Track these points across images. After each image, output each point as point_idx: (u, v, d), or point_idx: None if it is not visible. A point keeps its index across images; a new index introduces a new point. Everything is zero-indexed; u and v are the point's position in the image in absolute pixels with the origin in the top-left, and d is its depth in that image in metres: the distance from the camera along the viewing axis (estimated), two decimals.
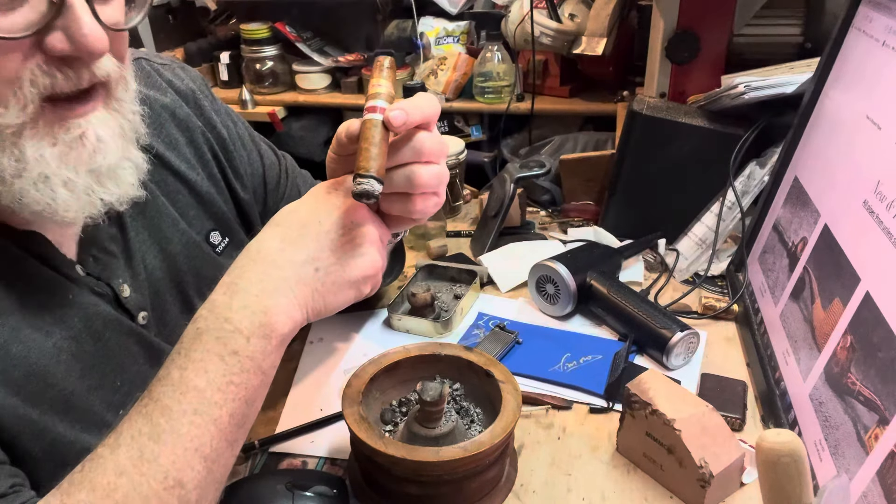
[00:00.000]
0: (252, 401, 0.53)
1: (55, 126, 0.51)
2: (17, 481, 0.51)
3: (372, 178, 0.54)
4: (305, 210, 0.57)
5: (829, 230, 0.75)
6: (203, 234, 0.76)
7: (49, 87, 0.49)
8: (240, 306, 0.52)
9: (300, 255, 0.55)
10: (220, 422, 0.50)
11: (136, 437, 0.49)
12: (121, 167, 0.56)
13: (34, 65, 0.48)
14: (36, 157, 0.50)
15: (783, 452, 0.46)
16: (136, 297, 0.66)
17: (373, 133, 0.56)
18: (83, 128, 0.52)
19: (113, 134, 0.55)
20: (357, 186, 0.53)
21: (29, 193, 0.51)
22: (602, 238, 1.14)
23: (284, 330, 0.53)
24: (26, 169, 0.50)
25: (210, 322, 0.52)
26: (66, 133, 0.51)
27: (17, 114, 0.48)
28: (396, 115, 0.55)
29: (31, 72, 0.48)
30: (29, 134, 0.50)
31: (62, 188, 0.52)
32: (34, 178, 0.51)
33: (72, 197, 0.53)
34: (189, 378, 0.50)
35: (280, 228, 0.57)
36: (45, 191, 0.51)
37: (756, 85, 0.99)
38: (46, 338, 0.57)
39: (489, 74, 1.81)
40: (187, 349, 0.52)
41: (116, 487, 0.47)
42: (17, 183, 0.51)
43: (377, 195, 0.54)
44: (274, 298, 0.53)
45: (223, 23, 2.25)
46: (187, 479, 0.49)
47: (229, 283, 0.54)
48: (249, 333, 0.52)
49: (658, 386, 0.70)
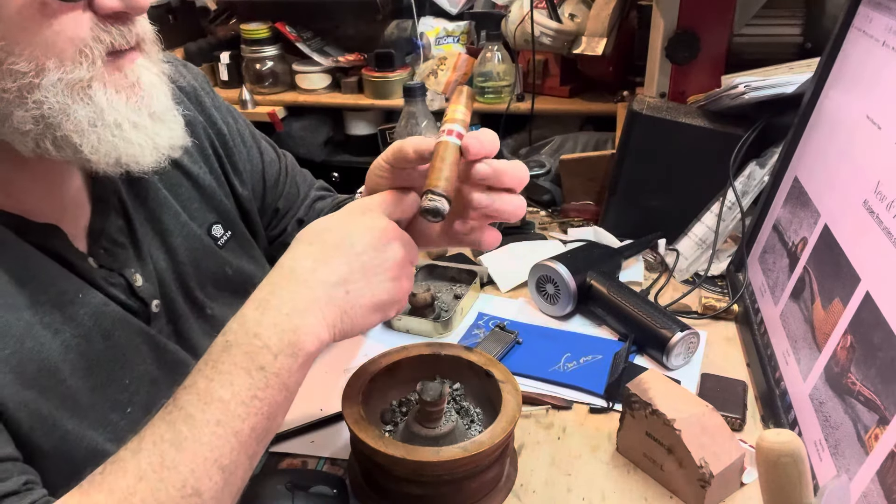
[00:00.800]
0: (274, 416, 0.53)
1: (116, 74, 0.55)
2: (31, 478, 0.52)
3: (445, 197, 0.55)
4: (340, 229, 0.58)
5: (829, 230, 0.75)
6: (205, 228, 0.77)
7: (110, 44, 0.54)
8: (270, 323, 0.53)
9: (332, 277, 0.55)
10: (241, 434, 0.51)
11: (158, 443, 0.49)
12: (170, 111, 0.61)
13: (91, 23, 0.52)
14: (107, 104, 0.55)
15: (783, 452, 0.46)
16: (148, 286, 0.67)
17: (448, 154, 0.57)
18: (137, 73, 0.57)
19: (156, 81, 0.59)
20: (428, 202, 0.55)
21: (107, 140, 0.55)
22: (602, 238, 1.14)
23: (311, 349, 0.54)
24: (101, 117, 0.55)
25: (240, 336, 0.52)
26: (125, 79, 0.56)
27: (89, 69, 0.53)
28: (473, 143, 0.58)
29: (92, 29, 0.52)
30: (97, 85, 0.54)
31: (134, 131, 0.56)
32: (110, 124, 0.55)
33: (143, 140, 0.57)
34: (215, 389, 0.51)
35: (313, 247, 0.57)
36: (121, 135, 0.56)
37: (756, 85, 0.99)
38: (56, 335, 0.58)
39: (489, 74, 1.81)
40: (215, 360, 0.52)
41: (135, 492, 0.47)
42: (93, 132, 0.54)
43: (445, 215, 0.55)
44: (304, 318, 0.53)
45: (223, 23, 2.24)
46: (205, 489, 0.49)
47: (261, 298, 0.54)
48: (278, 351, 0.52)
49: (658, 386, 0.70)
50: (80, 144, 0.54)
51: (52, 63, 0.51)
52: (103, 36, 0.53)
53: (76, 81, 0.52)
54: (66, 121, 0.53)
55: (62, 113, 0.53)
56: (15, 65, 0.50)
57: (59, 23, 0.51)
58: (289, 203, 0.91)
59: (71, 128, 0.53)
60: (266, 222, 0.89)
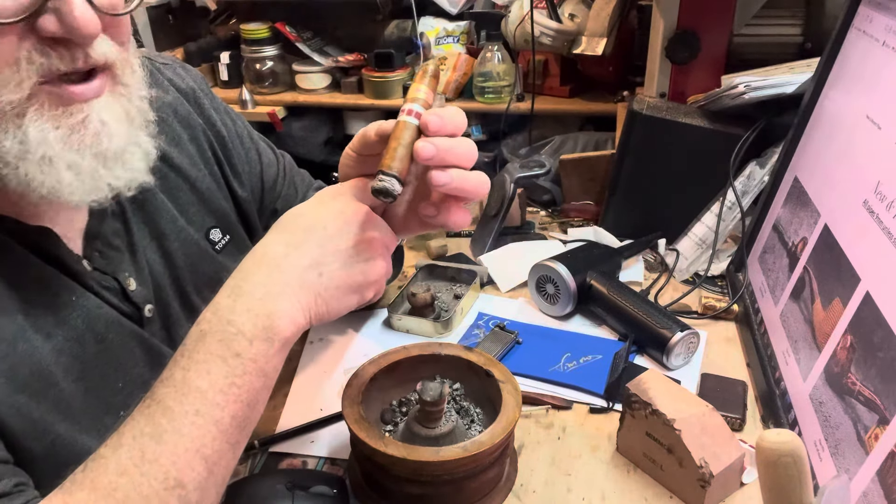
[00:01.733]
0: (254, 403, 0.53)
1: (58, 109, 0.51)
2: (22, 480, 0.52)
3: (395, 177, 0.54)
4: (311, 214, 0.58)
5: (829, 230, 0.75)
6: (203, 232, 0.76)
7: (45, 66, 0.49)
8: (243, 309, 0.53)
9: (304, 260, 0.55)
10: (221, 423, 0.51)
11: (138, 437, 0.49)
12: (129, 152, 0.57)
13: (30, 45, 0.49)
14: (39, 139, 0.51)
15: (783, 452, 0.46)
16: (141, 290, 0.67)
17: (404, 134, 0.56)
18: (86, 112, 0.53)
19: (118, 118, 0.55)
20: (378, 182, 0.54)
21: (34, 176, 0.52)
22: (602, 238, 1.14)
23: (287, 333, 0.54)
24: (30, 151, 0.51)
25: (213, 324, 0.53)
26: (68, 117, 0.52)
27: (14, 89, 0.49)
28: (432, 121, 0.57)
29: (28, 51, 0.49)
30: (32, 116, 0.50)
31: (66, 171, 0.53)
32: (38, 159, 0.51)
33: (77, 180, 0.53)
34: (191, 379, 0.51)
35: (285, 233, 0.57)
36: (50, 173, 0.52)
37: (756, 85, 0.99)
38: (48, 339, 0.57)
39: (489, 74, 1.81)
40: (190, 350, 0.52)
41: (117, 487, 0.47)
42: (21, 165, 0.51)
43: (396, 195, 0.54)
44: (277, 302, 0.53)
45: (223, 23, 2.24)
46: (188, 480, 0.49)
47: (233, 285, 0.54)
48: (252, 336, 0.52)
49: (658, 386, 0.70)
50: (5, 175, 0.52)
51: None
52: (37, 58, 0.49)
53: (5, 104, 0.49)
54: None
55: None
56: None
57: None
58: (287, 204, 0.91)
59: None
60: (264, 224, 0.89)
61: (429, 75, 0.60)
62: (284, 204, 0.91)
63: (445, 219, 0.62)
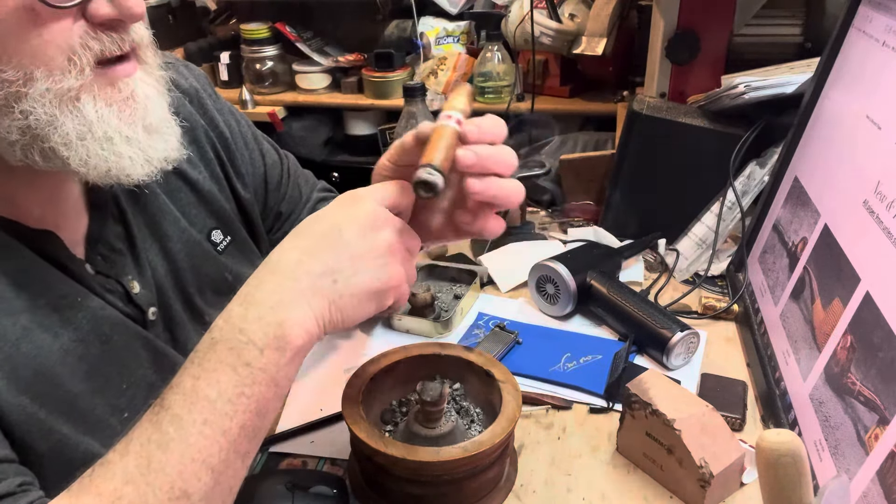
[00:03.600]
0: (264, 413, 0.52)
1: (108, 88, 0.54)
2: (27, 480, 0.51)
3: (439, 171, 0.53)
4: (328, 219, 0.56)
5: (829, 230, 0.75)
6: (204, 233, 0.76)
7: (99, 52, 0.52)
8: (254, 318, 0.52)
9: (318, 267, 0.53)
10: (229, 433, 0.50)
11: (145, 444, 0.49)
12: (166, 124, 0.60)
13: (81, 31, 0.51)
14: (96, 117, 0.53)
15: (783, 452, 0.46)
16: (145, 293, 0.67)
17: (445, 134, 0.56)
18: (131, 87, 0.56)
19: (155, 92, 0.58)
20: (423, 174, 0.53)
21: (96, 154, 0.54)
22: (602, 238, 1.14)
23: (299, 343, 0.52)
24: (91, 130, 0.53)
25: (225, 332, 0.52)
26: (118, 93, 0.55)
27: (77, 77, 0.51)
28: (471, 129, 0.57)
29: (80, 37, 0.51)
30: (87, 97, 0.53)
31: (125, 145, 0.55)
32: (99, 137, 0.54)
33: (135, 153, 0.56)
34: (201, 388, 0.50)
35: (300, 239, 0.56)
36: (111, 149, 0.55)
37: (756, 85, 0.99)
38: (54, 339, 0.57)
39: (489, 74, 1.81)
40: (201, 359, 0.51)
41: (122, 495, 0.47)
42: (82, 145, 0.53)
43: (440, 189, 0.53)
44: (289, 311, 0.52)
45: (223, 23, 2.25)
46: (193, 491, 0.48)
47: (246, 293, 0.53)
48: (263, 345, 0.51)
49: (658, 386, 0.70)
50: (67, 157, 0.53)
51: (40, 72, 0.50)
52: (92, 44, 0.52)
53: (64, 92, 0.51)
54: (53, 133, 0.52)
55: (50, 125, 0.52)
56: (2, 73, 0.50)
57: (49, 31, 0.50)
58: (291, 206, 0.91)
59: (59, 140, 0.52)
60: (268, 226, 0.89)
61: (465, 91, 0.61)
62: (289, 206, 0.90)
63: (482, 226, 0.61)
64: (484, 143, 0.57)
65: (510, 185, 0.59)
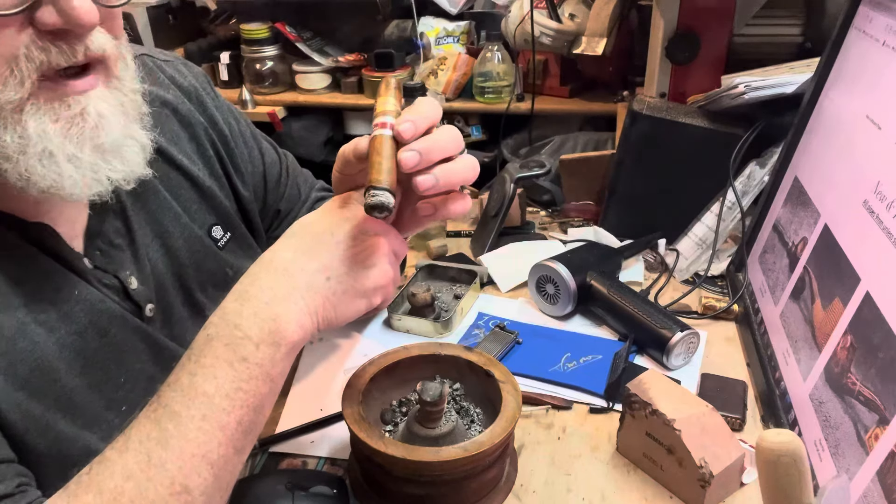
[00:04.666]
0: (260, 408, 0.53)
1: (55, 103, 0.51)
2: (24, 480, 0.52)
3: (386, 190, 0.54)
4: (319, 222, 0.58)
5: (829, 230, 0.75)
6: (205, 229, 0.77)
7: (45, 62, 0.49)
8: (250, 313, 0.52)
9: (312, 265, 0.55)
10: (227, 428, 0.51)
11: (144, 441, 0.49)
12: (125, 145, 0.57)
13: (28, 40, 0.48)
14: (38, 132, 0.51)
15: (783, 452, 0.46)
16: (143, 289, 0.67)
17: (383, 147, 0.56)
18: (83, 104, 0.53)
19: (114, 111, 0.55)
20: (371, 199, 0.54)
21: (35, 170, 0.52)
22: (602, 238, 1.14)
23: (294, 338, 0.53)
24: (30, 144, 0.51)
25: (220, 328, 0.52)
26: (66, 109, 0.52)
27: (16, 89, 0.49)
28: (406, 128, 0.56)
29: (26, 47, 0.48)
30: (30, 110, 0.50)
31: (67, 164, 0.53)
32: (38, 153, 0.51)
33: (77, 173, 0.53)
34: (198, 384, 0.51)
35: (294, 239, 0.57)
36: (51, 166, 0.52)
37: (756, 85, 0.99)
38: (51, 333, 0.57)
39: (489, 74, 1.81)
40: (197, 355, 0.52)
41: (123, 492, 0.47)
42: (21, 159, 0.51)
43: (391, 208, 0.54)
44: (284, 306, 0.53)
45: (223, 23, 2.24)
46: (194, 485, 0.49)
47: (241, 290, 0.54)
48: (259, 341, 0.52)
49: (658, 386, 0.70)
50: (6, 170, 0.51)
51: None
52: (37, 54, 0.49)
53: (3, 104, 0.49)
54: None
55: None
56: None
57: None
58: (290, 204, 0.91)
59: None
60: (267, 224, 0.89)
61: (392, 87, 0.61)
62: (288, 204, 0.91)
63: (446, 211, 0.61)
64: (421, 134, 0.57)
65: (461, 166, 0.58)
